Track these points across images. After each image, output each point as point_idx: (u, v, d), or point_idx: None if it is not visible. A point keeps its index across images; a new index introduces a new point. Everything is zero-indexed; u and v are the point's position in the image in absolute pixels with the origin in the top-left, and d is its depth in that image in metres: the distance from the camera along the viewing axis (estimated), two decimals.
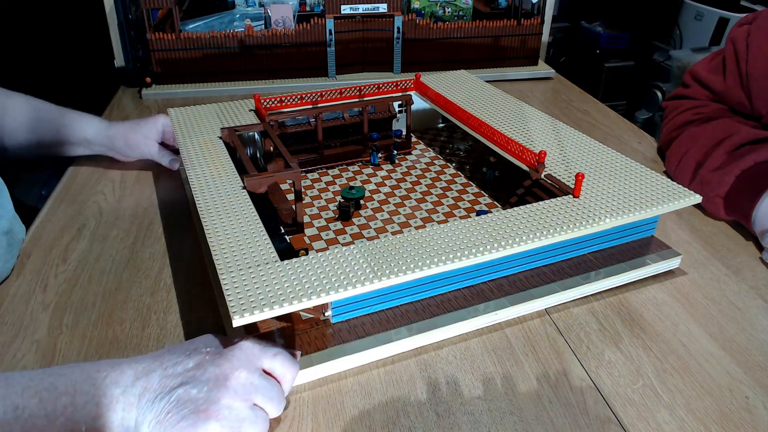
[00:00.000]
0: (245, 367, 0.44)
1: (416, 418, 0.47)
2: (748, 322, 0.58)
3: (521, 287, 0.59)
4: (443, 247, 0.54)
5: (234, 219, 0.57)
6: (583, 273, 0.61)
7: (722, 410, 0.48)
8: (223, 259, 0.51)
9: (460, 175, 0.82)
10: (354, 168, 0.84)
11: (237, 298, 0.46)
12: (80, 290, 0.61)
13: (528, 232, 0.56)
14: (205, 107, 0.85)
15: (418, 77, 0.91)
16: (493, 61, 1.25)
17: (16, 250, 0.65)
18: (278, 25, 1.18)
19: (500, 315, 0.57)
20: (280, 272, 0.50)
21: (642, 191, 0.63)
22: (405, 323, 0.55)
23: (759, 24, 0.81)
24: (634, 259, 0.64)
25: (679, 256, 0.65)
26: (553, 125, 0.80)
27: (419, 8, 1.26)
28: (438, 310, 0.56)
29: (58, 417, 0.40)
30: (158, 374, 0.43)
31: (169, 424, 0.41)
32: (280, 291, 0.47)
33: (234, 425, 0.42)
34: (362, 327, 0.54)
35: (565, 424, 0.47)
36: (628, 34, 2.06)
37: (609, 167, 0.68)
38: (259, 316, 0.45)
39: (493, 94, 0.90)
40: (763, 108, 0.79)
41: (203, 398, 0.42)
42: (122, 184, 0.82)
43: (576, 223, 0.58)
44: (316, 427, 0.47)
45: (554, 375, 0.52)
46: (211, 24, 1.18)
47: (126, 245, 0.69)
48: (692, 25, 1.96)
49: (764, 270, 0.66)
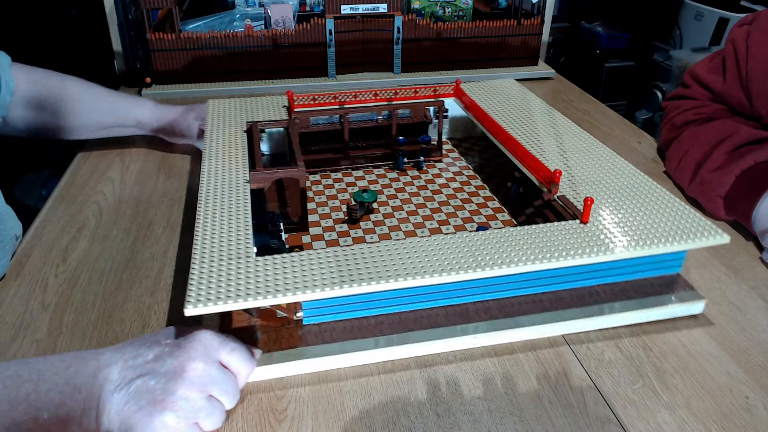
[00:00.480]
0: (202, 359, 0.45)
1: (416, 418, 0.47)
2: (748, 322, 0.58)
3: (508, 313, 0.55)
4: (422, 261, 0.52)
5: (227, 212, 0.58)
6: (586, 305, 0.56)
7: (722, 410, 0.48)
8: (201, 249, 0.52)
9: (485, 188, 0.79)
10: (379, 171, 0.83)
11: (198, 289, 0.47)
12: (80, 290, 0.61)
13: (515, 256, 0.52)
14: (242, 100, 0.87)
15: (458, 83, 0.89)
16: (493, 61, 1.25)
17: (7, 250, 0.65)
18: (278, 25, 1.18)
19: (478, 339, 0.54)
20: (251, 268, 0.50)
21: (660, 223, 0.57)
22: (375, 335, 0.53)
23: (759, 24, 0.81)
24: (648, 297, 0.57)
25: (702, 300, 0.58)
26: (586, 142, 0.74)
27: (419, 8, 1.26)
28: (413, 325, 0.54)
29: (21, 403, 0.41)
30: (119, 366, 0.44)
31: (128, 414, 0.42)
32: (245, 286, 0.48)
33: (190, 415, 0.43)
34: (331, 332, 0.53)
35: (565, 424, 0.47)
36: (628, 35, 2.06)
37: (633, 193, 0.63)
38: (213, 308, 0.46)
39: (533, 105, 0.85)
40: (763, 108, 0.79)
41: (160, 389, 0.43)
42: (122, 184, 0.82)
43: (576, 251, 0.53)
44: (316, 427, 0.47)
45: (554, 375, 0.51)
46: (211, 24, 1.18)
47: (126, 245, 0.69)
48: (692, 25, 1.96)
49: (764, 270, 0.66)
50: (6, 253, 0.64)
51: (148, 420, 0.42)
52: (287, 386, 0.50)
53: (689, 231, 0.56)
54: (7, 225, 0.65)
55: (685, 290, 0.58)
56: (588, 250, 0.54)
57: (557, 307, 0.56)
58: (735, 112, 0.84)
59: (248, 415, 0.47)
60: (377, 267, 0.51)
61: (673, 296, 0.57)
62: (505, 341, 0.55)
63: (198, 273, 0.49)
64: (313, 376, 0.51)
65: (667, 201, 0.61)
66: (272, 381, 0.51)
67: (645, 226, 0.57)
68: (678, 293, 0.58)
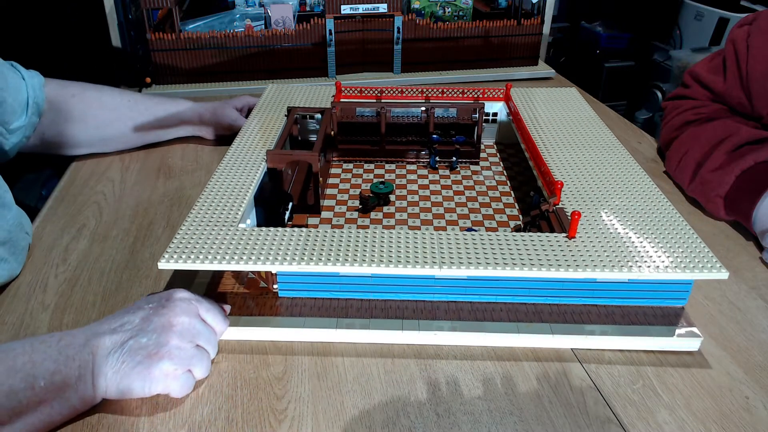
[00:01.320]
0: (186, 314, 0.49)
1: (416, 418, 0.47)
2: (748, 322, 0.58)
3: (478, 317, 0.55)
4: (393, 251, 0.54)
5: (233, 185, 0.63)
6: (568, 323, 0.54)
7: (722, 410, 0.48)
8: (195, 214, 0.58)
9: (510, 195, 0.77)
10: (411, 167, 0.83)
11: (178, 246, 0.53)
12: (80, 290, 0.61)
13: (483, 259, 0.53)
14: (300, 87, 0.92)
15: (509, 87, 0.88)
16: (493, 61, 1.25)
17: (21, 255, 0.64)
18: (278, 25, 1.18)
19: (439, 337, 0.54)
20: (231, 235, 0.55)
21: (656, 249, 0.54)
22: (342, 316, 0.55)
23: (759, 25, 0.81)
24: (636, 325, 0.54)
25: (698, 339, 0.53)
26: (615, 155, 0.72)
27: (419, 8, 1.26)
28: (379, 313, 0.55)
29: (17, 372, 0.42)
30: (107, 335, 0.47)
31: (126, 371, 0.45)
32: (221, 251, 0.52)
33: (184, 363, 0.47)
34: (301, 308, 0.56)
35: (565, 424, 0.47)
36: (628, 34, 2.06)
37: (640, 213, 0.60)
38: (184, 265, 0.51)
39: (580, 115, 0.83)
40: (764, 108, 0.79)
41: (153, 344, 0.47)
42: (122, 184, 0.82)
43: (545, 262, 0.52)
44: (315, 426, 0.47)
45: (554, 375, 0.51)
46: (211, 24, 1.18)
47: (126, 245, 0.69)
48: (692, 25, 1.96)
49: (764, 270, 0.66)
50: (17, 262, 0.64)
51: (147, 372, 0.45)
52: (287, 386, 0.50)
53: (686, 262, 0.53)
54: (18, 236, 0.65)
55: (681, 324, 0.54)
56: (557, 264, 0.52)
57: (532, 319, 0.55)
58: (735, 112, 0.84)
59: (248, 415, 0.47)
60: (348, 251, 0.53)
61: (664, 328, 0.54)
62: (468, 343, 0.54)
63: (183, 233, 0.55)
64: (313, 375, 0.51)
65: (676, 226, 0.58)
66: (272, 380, 0.51)
67: (631, 249, 0.54)
68: (672, 327, 0.54)
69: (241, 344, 0.54)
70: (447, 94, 0.86)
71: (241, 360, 0.53)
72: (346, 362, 0.53)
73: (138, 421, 0.46)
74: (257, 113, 0.82)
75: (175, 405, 0.48)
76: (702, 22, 1.92)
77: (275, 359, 0.53)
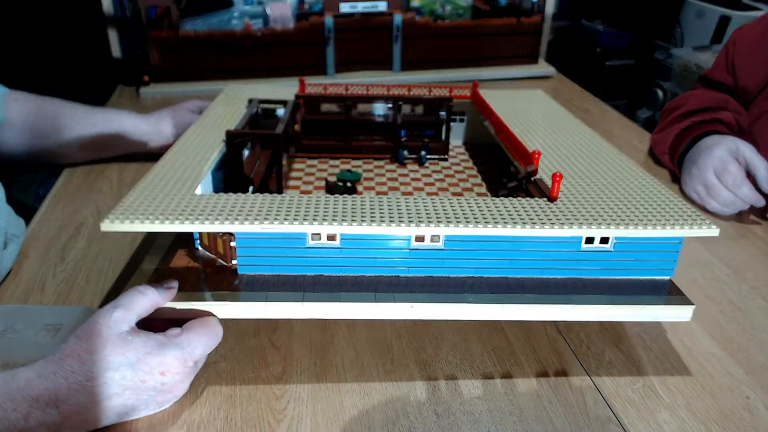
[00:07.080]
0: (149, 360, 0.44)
1: (416, 418, 0.47)
2: (749, 322, 0.58)
3: (446, 290, 0.51)
4: (368, 212, 0.50)
5: (190, 161, 0.59)
6: (551, 294, 0.51)
7: (723, 410, 0.48)
8: (145, 182, 0.54)
9: (482, 186, 0.76)
10: (379, 162, 0.82)
11: (125, 208, 0.49)
12: (78, 290, 0.61)
13: (465, 218, 0.49)
14: (257, 86, 0.91)
15: (476, 85, 0.87)
16: (492, 59, 1.25)
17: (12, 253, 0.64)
18: (277, 23, 1.17)
19: (417, 310, 0.50)
20: (189, 198, 0.51)
21: (640, 207, 0.53)
22: (302, 291, 0.50)
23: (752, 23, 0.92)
24: (624, 295, 0.51)
25: (690, 307, 0.51)
26: (587, 140, 0.70)
27: (418, 6, 1.25)
28: (351, 288, 0.51)
29: None
30: None
31: None
32: (177, 212, 0.48)
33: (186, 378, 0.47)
34: (263, 284, 0.51)
35: (565, 424, 0.47)
36: (628, 33, 2.05)
37: (620, 182, 0.58)
38: (131, 226, 0.47)
39: (549, 111, 0.82)
40: (748, 81, 0.88)
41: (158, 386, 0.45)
42: (119, 183, 0.82)
43: (526, 222, 0.49)
44: (315, 426, 0.46)
45: (554, 375, 0.51)
46: (209, 22, 1.17)
47: (124, 244, 0.69)
48: (693, 23, 1.96)
49: (765, 270, 0.66)
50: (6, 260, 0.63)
51: None
52: (286, 386, 0.50)
53: (674, 219, 0.51)
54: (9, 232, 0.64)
55: (671, 293, 0.52)
56: (541, 222, 0.49)
57: (516, 291, 0.51)
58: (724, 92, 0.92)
59: (247, 415, 0.47)
60: (317, 213, 0.49)
61: (654, 297, 0.51)
62: (448, 317, 0.50)
63: (136, 195, 0.51)
64: (312, 375, 0.51)
65: (657, 191, 0.56)
66: (271, 380, 0.50)
67: (623, 210, 0.52)
68: (664, 295, 0.52)
69: (240, 344, 0.54)
70: (414, 93, 0.84)
71: (240, 360, 0.52)
72: (346, 362, 0.52)
73: (138, 422, 0.46)
74: (213, 107, 0.77)
75: (173, 405, 0.48)
76: (703, 20, 1.91)
77: (274, 359, 0.53)
